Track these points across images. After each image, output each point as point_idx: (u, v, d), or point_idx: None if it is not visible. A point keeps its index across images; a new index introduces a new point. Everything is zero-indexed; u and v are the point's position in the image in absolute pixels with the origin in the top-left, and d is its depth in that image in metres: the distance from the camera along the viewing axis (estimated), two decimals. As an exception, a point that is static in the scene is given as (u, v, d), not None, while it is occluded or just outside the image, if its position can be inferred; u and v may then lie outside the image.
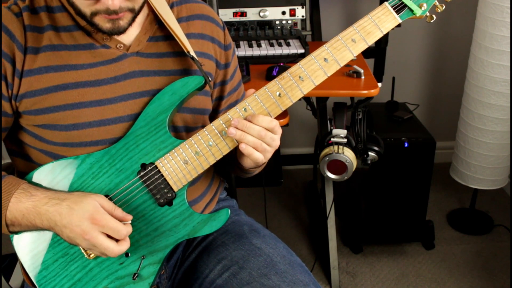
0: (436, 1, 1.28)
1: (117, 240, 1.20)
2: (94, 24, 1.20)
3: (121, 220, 1.20)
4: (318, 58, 1.25)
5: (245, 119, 1.24)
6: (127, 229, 1.20)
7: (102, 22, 1.20)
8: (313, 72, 1.25)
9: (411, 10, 1.27)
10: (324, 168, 2.16)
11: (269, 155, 1.28)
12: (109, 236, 1.19)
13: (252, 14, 2.59)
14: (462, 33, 3.20)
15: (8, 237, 1.29)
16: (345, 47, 1.25)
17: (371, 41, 1.26)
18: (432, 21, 1.29)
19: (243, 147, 1.24)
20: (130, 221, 1.23)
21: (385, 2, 1.26)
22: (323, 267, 2.76)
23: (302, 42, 2.47)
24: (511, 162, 2.76)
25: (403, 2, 1.26)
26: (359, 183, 2.80)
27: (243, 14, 2.58)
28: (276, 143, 1.26)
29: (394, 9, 1.26)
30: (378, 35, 1.26)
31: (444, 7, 1.28)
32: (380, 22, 1.26)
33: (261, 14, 2.58)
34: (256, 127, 1.22)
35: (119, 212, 1.21)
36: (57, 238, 1.27)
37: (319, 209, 3.00)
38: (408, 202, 2.72)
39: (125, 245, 1.21)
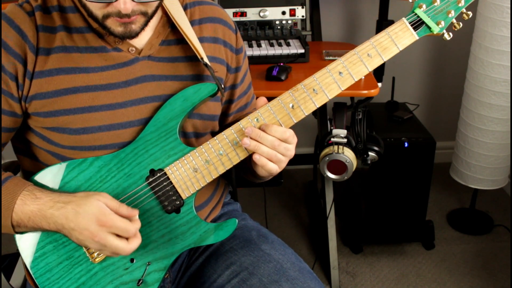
0: (454, 19, 1.27)
1: (127, 238, 1.19)
2: (106, 27, 1.19)
3: (127, 217, 1.19)
4: (333, 71, 1.24)
5: (259, 128, 1.23)
6: (135, 226, 1.19)
7: (114, 25, 1.18)
8: (327, 86, 1.25)
9: (429, 28, 1.26)
10: (324, 168, 2.16)
11: (284, 165, 1.28)
12: (118, 237, 1.18)
13: (252, 14, 2.58)
14: (462, 33, 3.19)
15: (9, 236, 1.28)
16: (360, 61, 1.24)
17: (387, 56, 1.25)
18: (449, 38, 1.28)
19: (256, 158, 1.23)
20: (137, 215, 1.21)
21: (403, 18, 1.26)
22: (323, 267, 2.76)
23: (302, 42, 2.46)
24: (511, 162, 2.76)
25: (421, 19, 1.26)
26: (359, 183, 2.80)
27: (243, 14, 2.57)
28: (291, 153, 1.26)
29: (411, 25, 1.25)
30: (395, 51, 1.26)
31: (461, 25, 1.27)
32: (397, 38, 1.25)
33: (261, 14, 2.57)
34: (269, 137, 1.22)
35: (124, 209, 1.19)
36: (62, 240, 1.27)
37: (319, 209, 3.00)
38: (408, 202, 2.72)
39: (136, 242, 1.19)
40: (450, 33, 1.28)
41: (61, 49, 1.24)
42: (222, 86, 1.35)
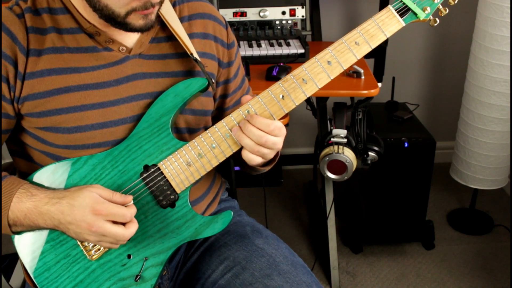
0: (439, 5, 1.27)
1: (124, 225, 1.19)
2: (126, 24, 1.19)
3: (122, 204, 1.19)
4: (322, 60, 1.24)
5: (245, 119, 1.23)
6: (131, 211, 1.19)
7: (136, 20, 1.19)
8: (316, 75, 1.24)
9: (415, 14, 1.25)
10: (324, 168, 2.16)
11: (270, 156, 1.27)
12: (115, 223, 1.18)
13: (252, 14, 2.58)
14: (462, 33, 3.20)
15: (9, 237, 1.29)
16: (348, 50, 1.24)
17: (374, 44, 1.25)
18: (435, 24, 1.28)
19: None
20: (131, 201, 1.22)
21: (389, 6, 1.25)
22: (323, 267, 2.76)
23: (302, 42, 2.47)
24: (511, 162, 2.76)
25: (406, 6, 1.25)
26: (359, 183, 2.80)
27: (243, 14, 2.58)
28: (278, 146, 1.24)
29: (397, 12, 1.25)
30: (382, 39, 1.25)
31: (447, 10, 1.27)
32: (383, 26, 1.25)
33: (261, 14, 2.58)
34: (252, 129, 1.21)
35: (117, 196, 1.20)
36: (59, 239, 1.27)
37: (319, 209, 3.00)
38: (408, 202, 2.72)
39: (133, 227, 1.20)
40: (437, 19, 1.28)
41: (52, 50, 1.24)
42: (213, 81, 1.36)
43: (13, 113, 1.25)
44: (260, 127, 1.21)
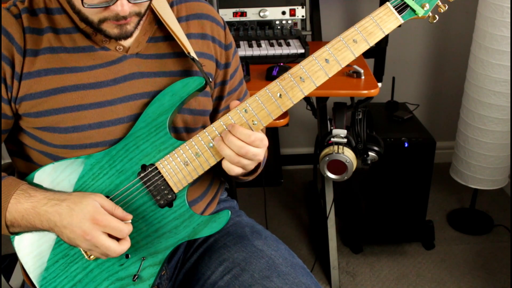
0: (438, 1, 1.26)
1: (118, 240, 1.19)
2: (102, 31, 1.20)
3: (121, 220, 1.20)
4: (319, 58, 1.24)
5: (227, 130, 1.22)
6: (128, 228, 1.20)
7: (110, 28, 1.19)
8: (314, 73, 1.24)
9: (413, 10, 1.25)
10: (324, 168, 2.16)
11: (251, 167, 1.27)
12: (110, 236, 1.18)
13: (252, 14, 2.58)
14: (462, 33, 3.20)
15: (9, 237, 1.29)
16: (346, 47, 1.23)
17: (372, 41, 1.24)
18: (434, 21, 1.27)
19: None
20: (130, 220, 1.22)
21: (387, 2, 1.24)
22: (323, 267, 2.76)
23: (302, 42, 2.46)
24: (511, 162, 2.76)
25: (405, 2, 1.24)
26: (359, 183, 2.80)
27: (243, 14, 2.58)
28: (259, 157, 1.24)
29: (396, 9, 1.24)
30: (380, 36, 1.24)
31: (446, 7, 1.26)
32: (382, 23, 1.24)
33: (261, 14, 2.58)
34: (234, 140, 1.20)
35: (119, 211, 1.20)
36: (57, 239, 1.27)
37: (319, 209, 3.00)
38: (408, 202, 2.72)
39: (126, 245, 1.20)
40: (436, 16, 1.27)
41: (48, 50, 1.24)
42: (211, 80, 1.35)
43: (10, 113, 1.25)
44: (241, 138, 1.20)
